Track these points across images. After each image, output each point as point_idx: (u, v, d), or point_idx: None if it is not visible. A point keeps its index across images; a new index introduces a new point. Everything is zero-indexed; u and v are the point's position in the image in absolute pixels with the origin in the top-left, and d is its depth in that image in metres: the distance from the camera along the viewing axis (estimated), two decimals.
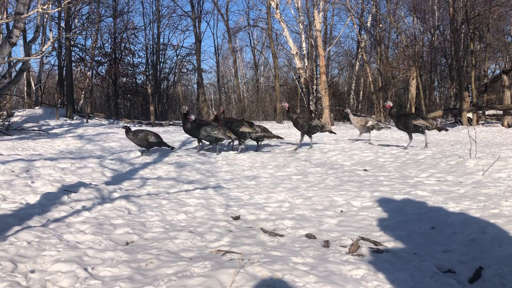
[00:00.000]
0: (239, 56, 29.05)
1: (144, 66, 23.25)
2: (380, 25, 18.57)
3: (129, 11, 22.89)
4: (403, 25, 20.43)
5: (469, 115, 14.47)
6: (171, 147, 7.60)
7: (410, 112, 12.86)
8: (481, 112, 15.48)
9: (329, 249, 2.67)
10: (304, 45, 18.66)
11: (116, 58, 21.29)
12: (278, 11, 17.89)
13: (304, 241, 2.84)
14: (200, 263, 2.32)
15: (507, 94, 13.72)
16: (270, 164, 6.41)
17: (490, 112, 16.52)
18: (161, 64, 23.53)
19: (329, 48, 20.21)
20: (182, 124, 7.84)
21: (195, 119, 7.60)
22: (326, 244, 2.77)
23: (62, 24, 17.60)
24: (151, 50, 22.94)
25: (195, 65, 23.04)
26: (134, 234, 2.97)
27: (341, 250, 2.66)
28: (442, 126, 7.72)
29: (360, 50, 19.40)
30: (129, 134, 7.09)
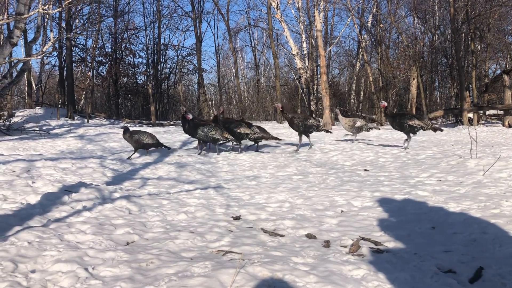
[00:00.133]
0: (240, 56, 29.10)
1: (145, 66, 23.29)
2: (381, 25, 18.54)
3: (130, 12, 22.90)
4: (404, 25, 20.42)
5: (470, 115, 14.44)
6: (168, 148, 7.61)
7: (406, 112, 12.83)
8: (482, 112, 15.45)
9: (330, 249, 2.67)
10: (305, 45, 18.65)
11: (117, 58, 21.29)
12: (279, 11, 17.90)
13: (305, 241, 2.85)
14: (201, 263, 2.32)
15: (508, 94, 13.69)
16: (271, 164, 6.41)
17: (491, 112, 16.49)
18: (162, 64, 23.55)
19: (330, 48, 20.20)
20: (182, 125, 7.86)
21: (192, 118, 7.60)
22: (327, 244, 2.77)
23: (63, 25, 17.62)
24: (152, 50, 22.95)
25: (196, 65, 23.04)
26: (135, 234, 2.97)
27: (342, 250, 2.66)
28: (437, 127, 7.72)
29: (361, 50, 19.38)
30: (126, 135, 7.02)
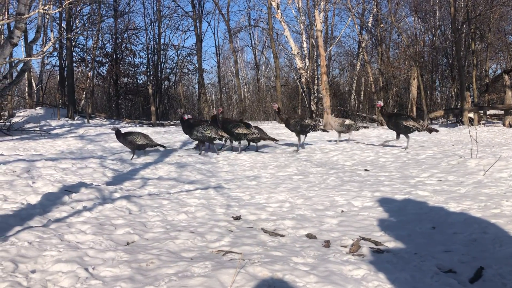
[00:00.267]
0: (240, 56, 29.10)
1: (145, 67, 23.29)
2: (381, 25, 18.51)
3: (130, 12, 22.97)
4: (404, 25, 20.37)
5: (470, 115, 14.43)
6: (164, 146, 7.60)
7: (402, 113, 12.81)
8: (482, 112, 15.43)
9: (330, 249, 2.67)
10: (305, 45, 18.64)
11: (117, 59, 21.30)
12: (279, 11, 17.89)
13: (305, 241, 2.84)
14: (201, 263, 2.32)
15: (508, 94, 13.68)
16: (271, 164, 6.42)
17: (491, 112, 16.48)
18: (162, 64, 23.55)
19: (330, 48, 20.18)
20: (182, 126, 7.88)
21: (188, 119, 7.59)
22: (327, 244, 2.77)
23: (63, 25, 17.64)
24: (152, 51, 22.95)
25: (196, 65, 23.03)
26: (135, 234, 2.97)
27: (342, 250, 2.66)
28: (433, 128, 7.72)
29: (361, 50, 19.36)
30: (120, 138, 6.91)
